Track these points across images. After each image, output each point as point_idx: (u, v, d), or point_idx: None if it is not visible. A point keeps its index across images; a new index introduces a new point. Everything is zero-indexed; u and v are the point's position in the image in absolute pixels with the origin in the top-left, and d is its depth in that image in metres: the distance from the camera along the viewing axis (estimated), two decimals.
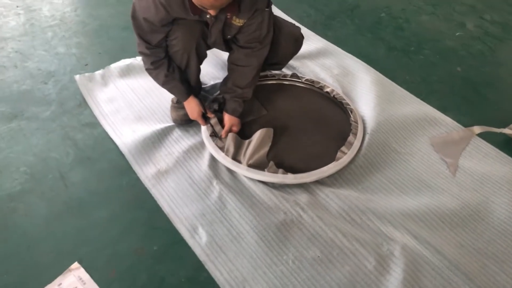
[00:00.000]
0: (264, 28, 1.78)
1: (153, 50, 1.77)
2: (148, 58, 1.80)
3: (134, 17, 1.70)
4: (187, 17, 1.66)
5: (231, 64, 1.92)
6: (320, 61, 2.45)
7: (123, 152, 1.90)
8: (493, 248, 1.62)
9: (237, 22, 1.73)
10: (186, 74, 1.92)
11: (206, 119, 1.95)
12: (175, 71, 1.85)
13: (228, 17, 1.70)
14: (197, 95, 1.98)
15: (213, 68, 2.35)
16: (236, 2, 1.60)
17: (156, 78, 1.87)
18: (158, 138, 1.97)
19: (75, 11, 2.83)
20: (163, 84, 1.88)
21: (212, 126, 1.94)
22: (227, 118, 1.95)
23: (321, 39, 2.62)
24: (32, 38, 2.59)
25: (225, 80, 1.97)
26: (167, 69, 1.82)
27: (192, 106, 1.93)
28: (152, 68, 1.82)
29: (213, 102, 2.07)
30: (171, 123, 2.03)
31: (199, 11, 1.59)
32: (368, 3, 2.97)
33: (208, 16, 1.65)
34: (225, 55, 1.99)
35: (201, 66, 1.95)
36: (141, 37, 1.73)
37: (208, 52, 1.97)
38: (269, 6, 1.76)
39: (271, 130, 1.93)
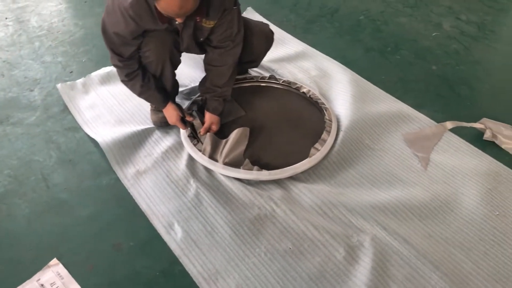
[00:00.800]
0: (235, 26, 1.84)
1: (126, 62, 1.80)
2: (122, 71, 1.83)
3: (104, 31, 1.73)
4: (157, 27, 1.70)
5: (207, 65, 1.97)
6: (299, 63, 2.52)
7: (106, 153, 1.95)
8: (460, 237, 1.67)
9: (208, 24, 1.77)
10: (162, 81, 1.96)
11: (185, 123, 2.01)
12: (150, 80, 1.89)
13: (198, 20, 1.75)
14: (174, 100, 2.04)
15: (190, 69, 2.41)
16: (203, 5, 1.64)
17: (132, 89, 1.92)
18: (139, 140, 2.04)
19: (62, 22, 2.91)
20: (140, 94, 1.93)
21: (191, 129, 2.00)
22: (208, 116, 2.00)
23: (301, 43, 2.68)
24: (19, 48, 2.67)
25: (203, 81, 2.03)
26: (142, 79, 1.86)
27: (170, 112, 1.98)
28: (127, 80, 1.86)
29: (192, 104, 2.13)
30: (151, 125, 2.10)
31: (167, 20, 1.64)
32: (347, 7, 3.05)
33: (177, 23, 1.69)
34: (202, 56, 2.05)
35: (180, 68, 2.01)
36: (113, 50, 1.76)
37: (186, 54, 2.03)
38: (236, 4, 1.80)
39: (247, 130, 1.99)
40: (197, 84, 2.24)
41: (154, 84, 1.91)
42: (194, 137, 1.98)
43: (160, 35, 1.78)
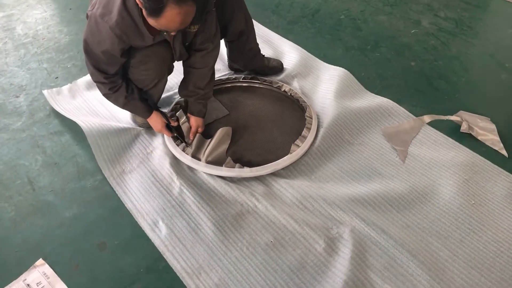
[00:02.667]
0: (214, 27, 1.87)
1: (111, 79, 1.79)
2: (105, 86, 1.81)
3: (88, 51, 1.70)
4: (144, 43, 1.70)
5: (189, 68, 1.97)
6: (284, 61, 2.54)
7: (94, 153, 1.98)
8: (437, 227, 1.72)
9: (193, 28, 1.77)
10: (149, 92, 1.96)
11: (170, 129, 2.03)
12: (134, 91, 1.89)
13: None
14: (157, 107, 2.07)
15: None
16: None
17: (115, 102, 1.91)
18: (126, 140, 2.07)
19: (47, 29, 2.94)
20: (124, 106, 1.92)
21: (177, 133, 2.02)
22: (193, 120, 2.03)
23: (286, 41, 2.71)
24: (5, 56, 2.70)
25: (184, 84, 2.03)
26: (126, 91, 1.85)
27: (155, 120, 1.99)
28: (111, 93, 1.84)
29: (176, 105, 2.17)
30: (137, 127, 2.13)
31: (157, 32, 1.64)
32: (328, 7, 3.09)
33: (165, 33, 1.69)
34: None
35: None
36: (97, 68, 1.73)
37: None
38: (214, 5, 1.82)
39: (230, 129, 2.03)
40: (167, 94, 2.30)
41: (137, 94, 1.90)
42: (181, 141, 2.00)
43: (158, 52, 1.79)
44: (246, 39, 2.23)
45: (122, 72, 1.84)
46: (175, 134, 2.02)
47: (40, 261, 1.62)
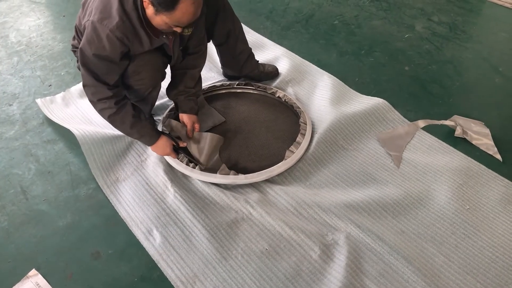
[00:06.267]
0: (203, 29, 1.89)
1: (114, 90, 1.72)
2: (111, 101, 1.71)
3: (85, 63, 1.63)
4: (142, 49, 1.68)
5: (181, 70, 1.97)
6: (278, 67, 2.54)
7: (88, 162, 1.97)
8: (432, 232, 1.71)
9: (188, 31, 1.70)
10: (144, 101, 1.95)
11: (177, 151, 1.96)
12: (140, 111, 1.84)
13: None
14: (153, 120, 2.08)
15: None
16: None
17: (121, 124, 1.80)
18: (119, 148, 2.06)
19: (40, 36, 2.94)
20: (132, 127, 1.80)
21: (186, 154, 1.96)
22: (187, 117, 1.98)
23: (279, 47, 2.72)
24: None
25: (174, 86, 2.00)
26: (132, 109, 1.78)
27: (162, 144, 1.90)
28: (115, 112, 1.74)
29: (170, 112, 2.16)
30: None
31: (158, 34, 1.63)
32: (322, 12, 3.10)
33: (164, 37, 1.69)
34: None
35: None
36: (98, 81, 1.66)
37: None
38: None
39: (222, 138, 2.02)
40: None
41: (144, 116, 1.85)
42: (191, 161, 1.94)
43: (151, 60, 1.78)
44: (235, 40, 2.21)
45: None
46: (183, 155, 1.96)
47: (33, 271, 1.61)
